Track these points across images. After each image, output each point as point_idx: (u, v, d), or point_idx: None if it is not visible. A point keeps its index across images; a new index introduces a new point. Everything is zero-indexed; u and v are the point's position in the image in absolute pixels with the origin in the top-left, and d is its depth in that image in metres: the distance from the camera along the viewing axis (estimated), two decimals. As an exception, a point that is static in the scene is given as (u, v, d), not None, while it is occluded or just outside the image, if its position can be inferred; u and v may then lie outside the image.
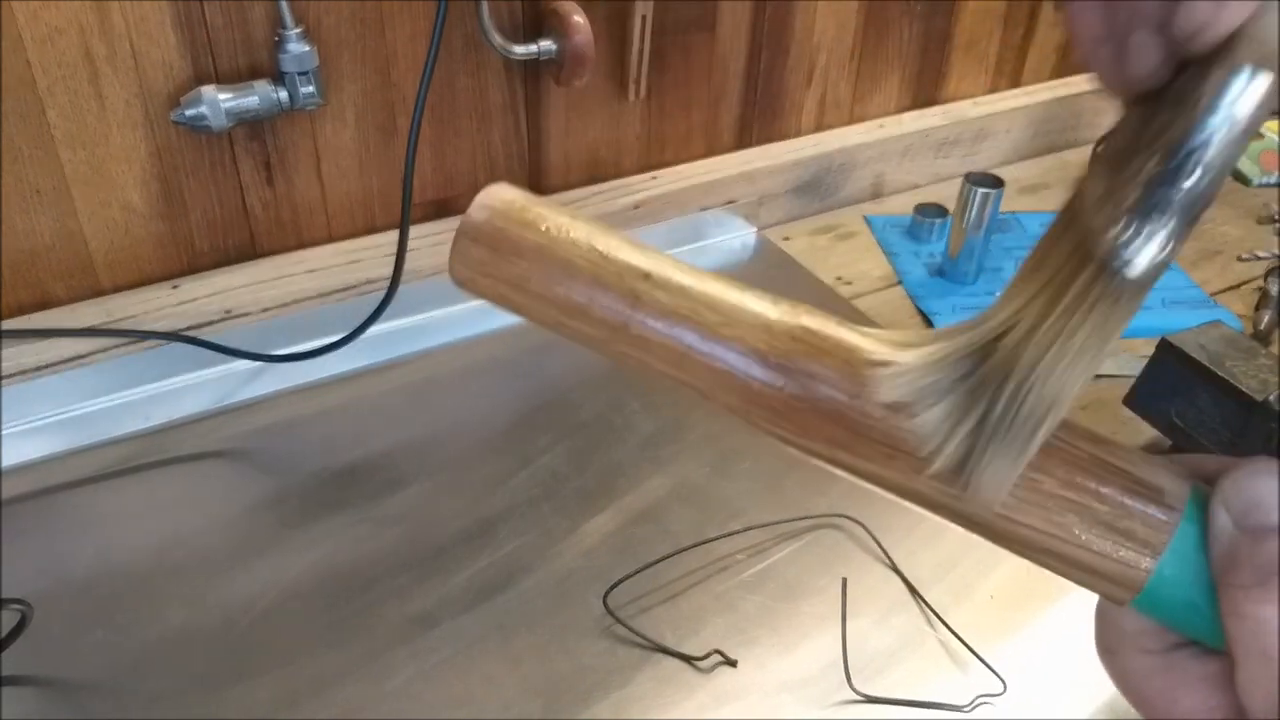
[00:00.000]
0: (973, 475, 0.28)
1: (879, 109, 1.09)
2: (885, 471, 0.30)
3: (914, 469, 0.29)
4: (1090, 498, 0.28)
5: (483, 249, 0.32)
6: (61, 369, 0.72)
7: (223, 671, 0.56)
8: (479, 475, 0.69)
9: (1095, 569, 0.29)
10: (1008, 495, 0.28)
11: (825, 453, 0.31)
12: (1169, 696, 0.28)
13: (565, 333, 0.33)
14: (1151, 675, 0.29)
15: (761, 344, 0.31)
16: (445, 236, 0.85)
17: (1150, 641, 0.29)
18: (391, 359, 0.80)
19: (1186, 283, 0.93)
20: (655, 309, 0.31)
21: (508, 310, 0.33)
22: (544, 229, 0.32)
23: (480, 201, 0.33)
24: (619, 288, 0.32)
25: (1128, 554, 0.28)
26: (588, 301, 0.32)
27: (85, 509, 0.66)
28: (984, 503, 0.28)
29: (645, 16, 0.85)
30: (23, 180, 0.69)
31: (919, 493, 0.30)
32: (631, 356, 0.32)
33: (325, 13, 0.74)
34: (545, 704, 0.55)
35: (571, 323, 0.33)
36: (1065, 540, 0.29)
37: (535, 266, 0.32)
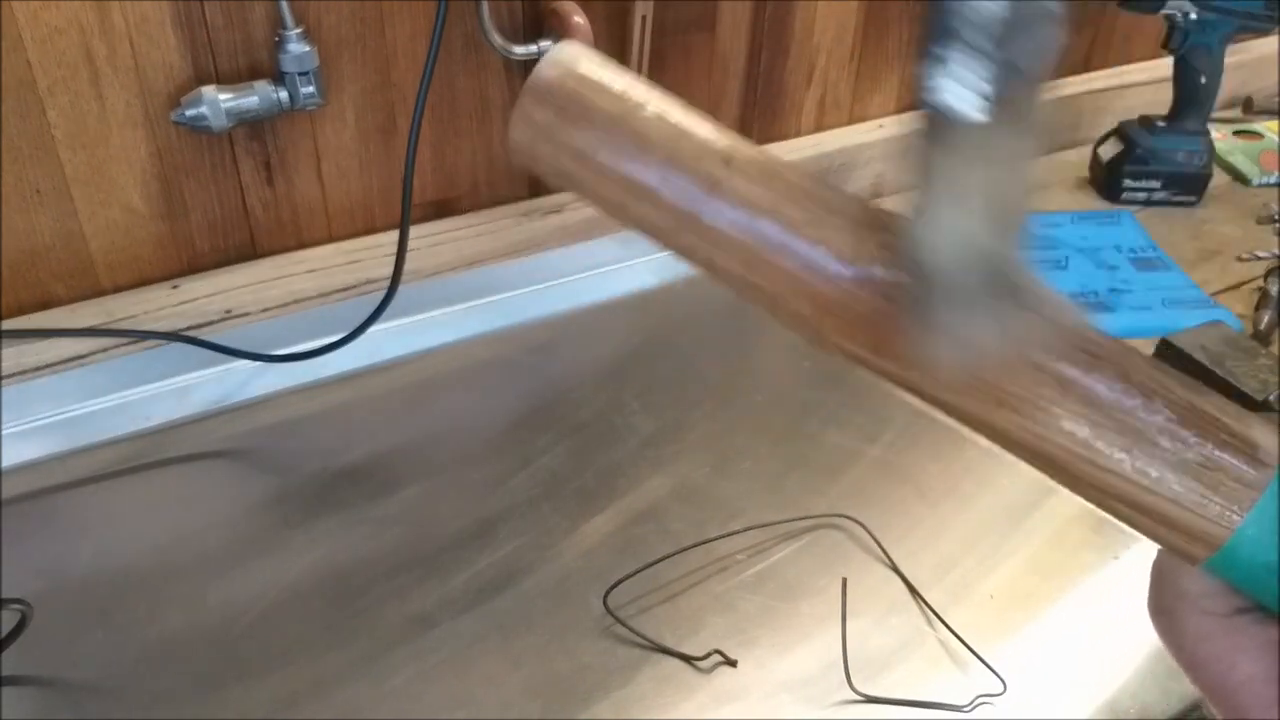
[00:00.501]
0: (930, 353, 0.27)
1: (879, 109, 1.09)
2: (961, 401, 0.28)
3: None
4: (1180, 445, 0.27)
5: (549, 111, 0.29)
6: (61, 369, 0.72)
7: (222, 671, 0.56)
8: (479, 475, 0.69)
9: (1175, 521, 0.27)
10: (1089, 434, 0.27)
11: (898, 374, 0.28)
12: (1226, 661, 0.27)
13: (628, 217, 0.30)
14: (1210, 638, 0.28)
15: (848, 248, 0.28)
16: (445, 237, 0.85)
17: (1214, 604, 0.28)
18: (391, 359, 0.80)
19: (1186, 283, 0.93)
20: (734, 198, 0.28)
21: (567, 186, 0.30)
22: (619, 94, 0.29)
23: (552, 57, 0.30)
24: (696, 170, 0.29)
25: (1213, 508, 0.26)
26: (659, 182, 0.29)
27: (85, 509, 0.66)
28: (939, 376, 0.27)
29: (645, 16, 0.85)
30: (23, 180, 0.69)
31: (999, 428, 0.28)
32: (699, 250, 0.29)
33: (325, 13, 0.74)
34: (545, 704, 0.55)
35: (638, 206, 0.29)
36: (1147, 488, 0.27)
37: (606, 136, 0.29)
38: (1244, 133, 1.22)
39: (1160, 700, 0.55)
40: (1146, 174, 1.06)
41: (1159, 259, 0.96)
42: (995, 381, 0.27)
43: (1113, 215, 1.03)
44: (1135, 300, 0.90)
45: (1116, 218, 1.03)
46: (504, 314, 0.85)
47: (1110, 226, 1.01)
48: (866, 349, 0.28)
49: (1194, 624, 0.28)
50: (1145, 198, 1.07)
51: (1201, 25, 1.00)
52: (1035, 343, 0.28)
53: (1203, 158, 1.06)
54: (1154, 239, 1.00)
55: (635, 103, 0.29)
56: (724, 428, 0.73)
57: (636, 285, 0.89)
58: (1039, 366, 0.27)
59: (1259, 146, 1.19)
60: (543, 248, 0.89)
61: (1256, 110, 1.28)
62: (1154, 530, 0.28)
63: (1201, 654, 0.28)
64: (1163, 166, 1.06)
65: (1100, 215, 1.03)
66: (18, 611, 0.55)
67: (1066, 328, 0.28)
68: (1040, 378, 0.27)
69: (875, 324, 0.28)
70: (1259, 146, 1.19)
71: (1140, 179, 1.06)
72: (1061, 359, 0.27)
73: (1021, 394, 0.27)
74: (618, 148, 0.29)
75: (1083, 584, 0.62)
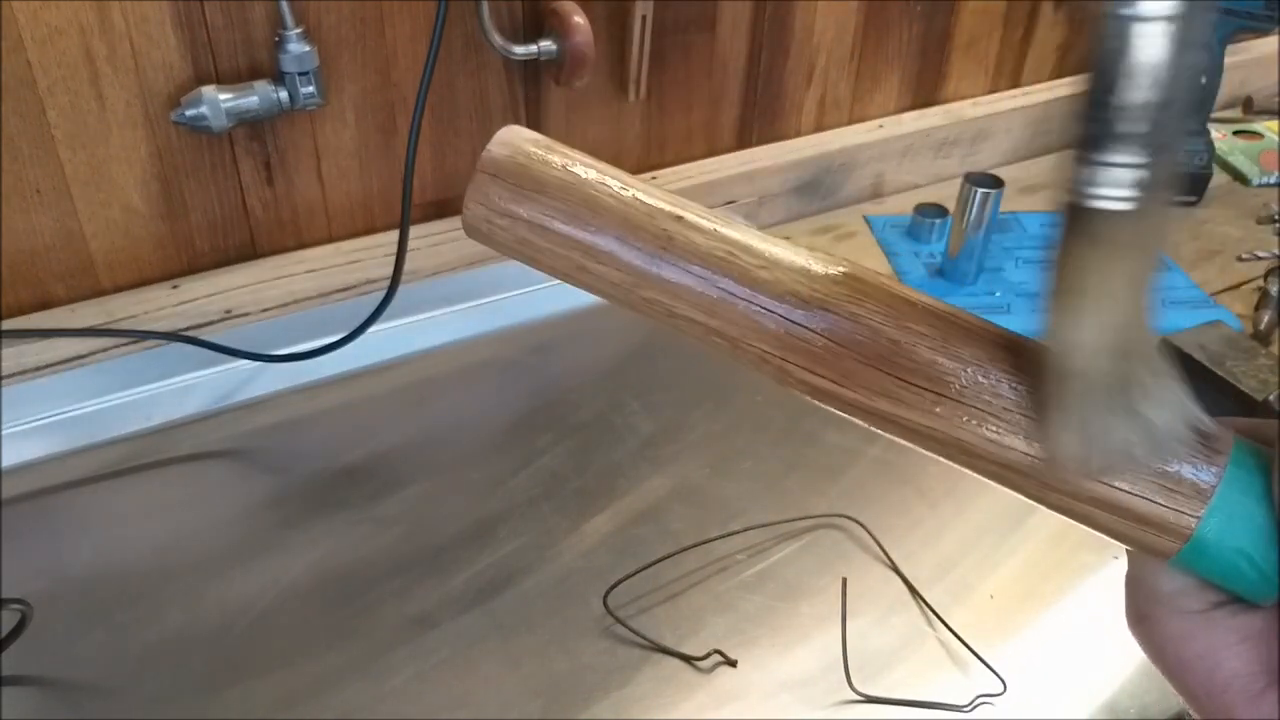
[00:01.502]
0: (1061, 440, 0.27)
1: (879, 109, 1.09)
2: (929, 421, 0.29)
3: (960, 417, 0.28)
4: None
5: (503, 186, 0.31)
6: (61, 369, 0.72)
7: (222, 672, 0.56)
8: (479, 475, 0.69)
9: (1144, 516, 0.28)
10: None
11: (864, 402, 0.30)
12: (1211, 659, 0.27)
13: (586, 279, 0.31)
14: (1190, 637, 0.28)
15: (802, 287, 0.30)
16: (445, 237, 0.85)
17: (1190, 601, 0.28)
18: (391, 359, 0.80)
19: (1186, 283, 0.93)
20: (689, 251, 0.30)
21: (523, 258, 0.31)
22: (568, 167, 0.31)
23: (500, 139, 0.31)
24: (650, 228, 0.30)
25: (1178, 498, 0.27)
26: (616, 242, 0.30)
27: (85, 509, 0.66)
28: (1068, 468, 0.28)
29: (645, 16, 0.85)
30: (23, 180, 0.69)
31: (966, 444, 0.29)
32: (658, 303, 0.31)
33: (325, 13, 0.74)
34: (545, 704, 0.55)
35: (596, 267, 0.31)
36: (1114, 486, 0.28)
37: (560, 204, 0.30)
38: (1244, 133, 1.22)
39: (1160, 700, 0.55)
40: (1146, 174, 1.06)
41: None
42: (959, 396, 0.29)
43: (1113, 215, 1.03)
44: (1135, 300, 0.89)
45: (1116, 218, 1.03)
46: (504, 314, 0.85)
47: (1110, 226, 1.01)
48: (831, 381, 0.30)
49: (1173, 625, 0.28)
50: (1145, 198, 1.07)
51: (1201, 25, 1.00)
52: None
53: (1203, 158, 1.06)
54: (1154, 239, 0.99)
55: (586, 174, 0.31)
56: (724, 428, 0.73)
57: (636, 285, 0.89)
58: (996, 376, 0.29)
59: (1259, 146, 1.19)
60: (543, 248, 0.89)
61: (1256, 110, 1.28)
62: (1125, 529, 0.28)
63: (1185, 655, 0.28)
64: (1163, 166, 1.06)
65: (1100, 215, 1.03)
66: (18, 611, 0.55)
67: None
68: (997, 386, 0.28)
69: (837, 357, 0.29)
70: (1259, 146, 1.19)
71: (1140, 179, 1.06)
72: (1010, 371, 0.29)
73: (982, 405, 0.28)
74: (573, 214, 0.30)
75: (1083, 584, 0.62)
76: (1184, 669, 0.28)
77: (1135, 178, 0.25)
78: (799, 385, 0.30)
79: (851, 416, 0.31)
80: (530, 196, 0.31)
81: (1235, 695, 0.27)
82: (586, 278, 0.31)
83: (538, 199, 0.31)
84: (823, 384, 0.30)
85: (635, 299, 0.31)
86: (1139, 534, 0.28)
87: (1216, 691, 0.27)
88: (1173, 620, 0.28)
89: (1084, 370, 0.26)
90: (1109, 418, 0.26)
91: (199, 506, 0.67)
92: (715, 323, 0.30)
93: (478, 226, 0.32)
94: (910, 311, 0.30)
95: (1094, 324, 0.26)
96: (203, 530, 0.65)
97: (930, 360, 0.29)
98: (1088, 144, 0.25)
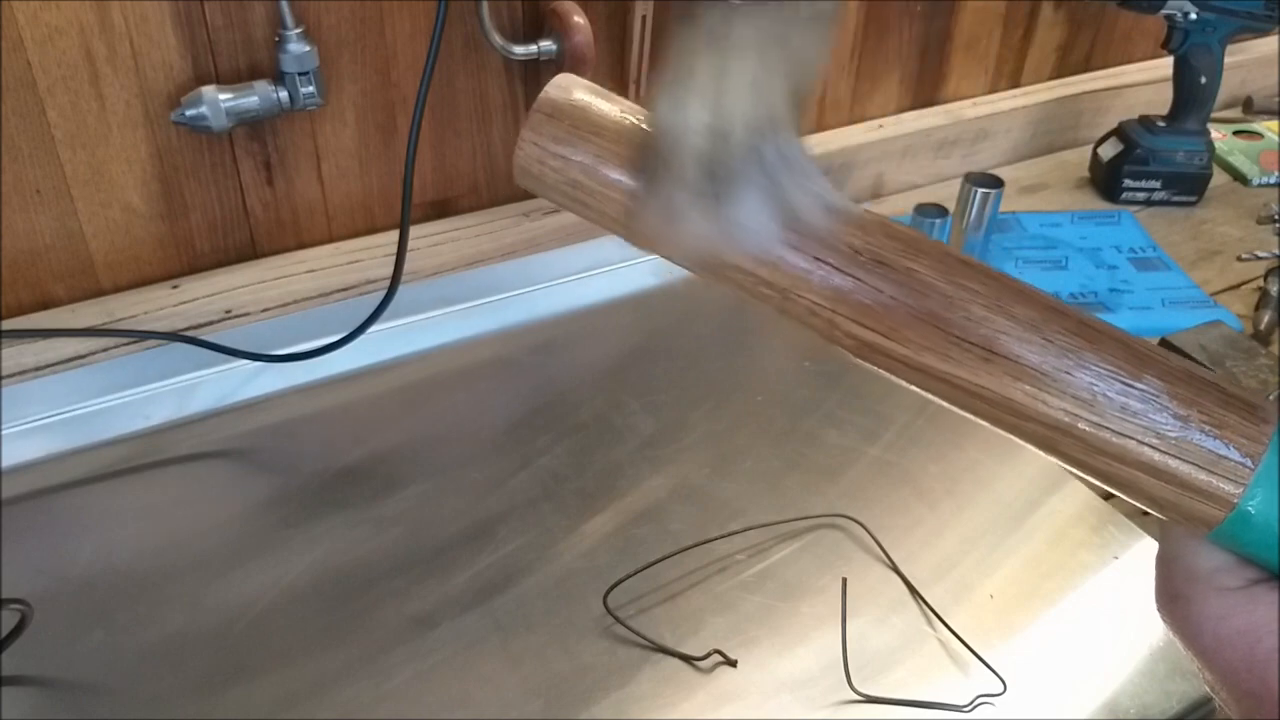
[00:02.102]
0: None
1: (879, 109, 1.09)
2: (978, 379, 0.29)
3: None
4: (1187, 405, 0.27)
5: (559, 126, 0.31)
6: (61, 369, 0.72)
7: (222, 672, 0.56)
8: (479, 475, 0.69)
9: (1189, 483, 0.27)
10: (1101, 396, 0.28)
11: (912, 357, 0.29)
12: (1253, 635, 0.27)
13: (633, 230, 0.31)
14: (1229, 615, 0.28)
15: (856, 239, 0.30)
16: (445, 236, 0.85)
17: (1228, 578, 0.28)
18: (391, 359, 0.80)
19: (1186, 283, 0.93)
20: None
21: (571, 201, 0.31)
22: (624, 113, 0.31)
23: (558, 83, 0.32)
24: None
25: (1226, 464, 0.27)
26: None
27: (85, 509, 0.66)
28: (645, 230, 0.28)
29: (645, 16, 0.85)
30: (23, 180, 0.69)
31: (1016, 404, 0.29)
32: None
33: (325, 13, 0.74)
34: (545, 704, 0.55)
35: None
36: (1162, 450, 0.27)
37: (616, 148, 0.30)
38: (1244, 133, 1.22)
39: (1160, 700, 0.55)
40: (1146, 174, 1.06)
41: (1159, 259, 0.96)
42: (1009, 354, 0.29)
43: (1112, 215, 1.03)
44: (1135, 300, 0.90)
45: (1116, 218, 1.03)
46: (504, 314, 0.85)
47: (1110, 226, 1.01)
48: (881, 333, 0.29)
49: (1211, 604, 0.28)
50: (1145, 198, 1.07)
51: (1201, 25, 1.00)
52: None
53: (1203, 158, 1.06)
54: (1154, 239, 1.00)
55: (641, 121, 0.31)
56: (724, 428, 0.73)
57: (636, 285, 0.89)
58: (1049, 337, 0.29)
59: (1259, 146, 1.19)
60: (543, 248, 0.89)
61: (1256, 110, 1.28)
62: (1171, 496, 0.28)
63: (1224, 631, 0.28)
64: (1163, 166, 1.06)
65: (1100, 215, 1.03)
66: (18, 611, 0.55)
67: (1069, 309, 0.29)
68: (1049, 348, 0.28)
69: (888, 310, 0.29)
70: (1259, 146, 1.19)
71: (1140, 179, 1.06)
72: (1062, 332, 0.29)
73: (1033, 365, 0.28)
74: (628, 159, 0.30)
75: (1083, 584, 0.62)
76: (1222, 646, 0.28)
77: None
78: (846, 339, 0.30)
79: (896, 375, 0.30)
80: (586, 138, 0.30)
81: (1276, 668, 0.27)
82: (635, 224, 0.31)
83: (593, 140, 0.30)
84: (872, 337, 0.29)
85: None
86: (1185, 501, 0.28)
87: (1258, 665, 0.27)
88: (1210, 599, 0.28)
89: (676, 146, 0.27)
90: (693, 194, 0.27)
91: (199, 506, 0.67)
92: (766, 273, 0.30)
93: (529, 168, 0.31)
94: (963, 269, 0.29)
95: (692, 110, 0.26)
96: (203, 530, 0.65)
97: (983, 317, 0.29)
98: None
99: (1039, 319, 0.29)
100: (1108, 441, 0.28)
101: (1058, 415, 0.28)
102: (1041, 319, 0.29)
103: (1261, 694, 0.27)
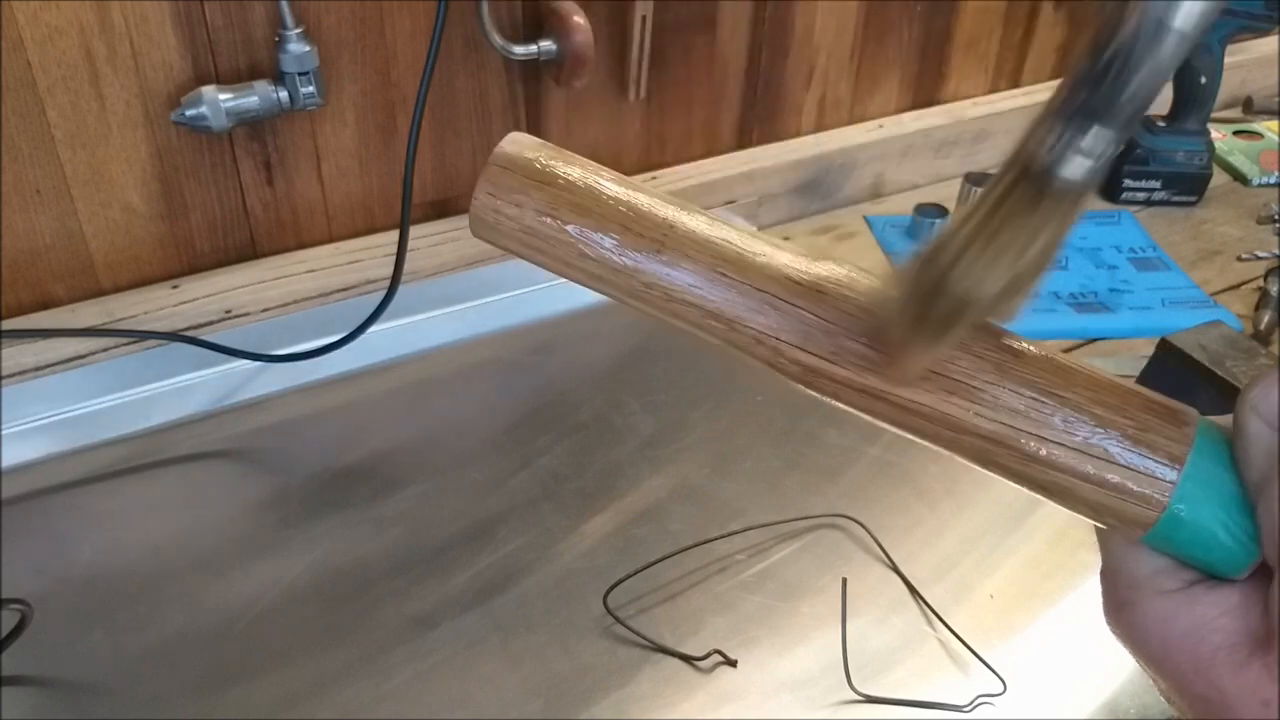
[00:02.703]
0: (900, 354, 0.29)
1: (879, 109, 1.09)
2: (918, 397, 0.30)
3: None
4: (1114, 412, 0.29)
5: (513, 177, 0.33)
6: (61, 369, 0.72)
7: (222, 672, 0.56)
8: (479, 475, 0.69)
9: (1121, 486, 0.29)
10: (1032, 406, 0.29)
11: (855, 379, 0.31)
12: (1196, 635, 0.28)
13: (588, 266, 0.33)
14: (1175, 617, 0.28)
15: (795, 272, 0.31)
16: (445, 236, 0.85)
17: (1168, 580, 0.29)
18: (391, 359, 0.80)
19: (1186, 283, 0.93)
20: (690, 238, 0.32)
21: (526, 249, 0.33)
22: (572, 164, 0.33)
23: (511, 139, 0.34)
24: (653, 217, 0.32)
25: (1154, 466, 0.28)
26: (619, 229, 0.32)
27: (85, 509, 0.66)
28: (899, 377, 0.30)
29: (645, 16, 0.85)
30: (23, 180, 0.69)
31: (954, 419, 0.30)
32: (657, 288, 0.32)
33: (325, 13, 0.74)
34: (545, 704, 0.55)
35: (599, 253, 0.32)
36: (1093, 455, 0.29)
37: (567, 194, 0.32)
38: (1244, 133, 1.22)
39: (1160, 700, 0.55)
40: (1146, 174, 1.06)
41: (1159, 259, 0.96)
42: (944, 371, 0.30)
43: (1112, 215, 1.03)
44: (1135, 300, 0.90)
45: (1116, 218, 1.03)
46: (504, 314, 0.85)
47: (1110, 226, 1.01)
48: (824, 358, 0.31)
49: (1155, 607, 0.29)
50: (1145, 198, 1.07)
51: (1201, 25, 1.00)
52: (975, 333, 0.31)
53: (1203, 158, 1.06)
54: (1154, 239, 1.00)
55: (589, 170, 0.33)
56: (724, 428, 0.73)
57: (636, 285, 0.89)
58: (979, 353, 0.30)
59: (1259, 146, 1.19)
60: (543, 248, 0.89)
61: (1256, 110, 1.28)
62: (1104, 503, 0.29)
63: (1170, 634, 0.28)
64: (1163, 166, 1.06)
65: (1100, 215, 1.03)
66: (18, 611, 0.55)
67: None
68: (980, 364, 0.30)
69: (829, 335, 0.31)
70: (1259, 146, 1.19)
71: (1140, 179, 1.06)
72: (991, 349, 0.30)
73: (966, 380, 0.30)
74: (579, 204, 0.32)
75: (1083, 584, 0.62)
76: (1169, 649, 0.28)
77: (1101, 155, 0.26)
78: (791, 365, 0.32)
79: (842, 402, 0.32)
80: (538, 186, 0.32)
81: (1222, 667, 0.27)
82: (589, 265, 0.33)
83: (545, 189, 0.32)
84: (815, 362, 0.31)
85: (635, 285, 0.32)
86: (1118, 504, 0.29)
87: (1204, 666, 0.27)
88: (1154, 602, 0.29)
89: (970, 305, 0.27)
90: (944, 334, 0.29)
91: (199, 506, 0.67)
92: (712, 305, 0.32)
93: (484, 217, 0.33)
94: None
95: (1003, 274, 0.27)
96: (203, 530, 0.65)
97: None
98: (1081, 114, 0.26)
99: (967, 337, 0.30)
100: (1040, 451, 0.29)
101: (993, 427, 0.30)
102: (970, 337, 0.30)
103: (1212, 697, 0.27)
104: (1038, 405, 0.29)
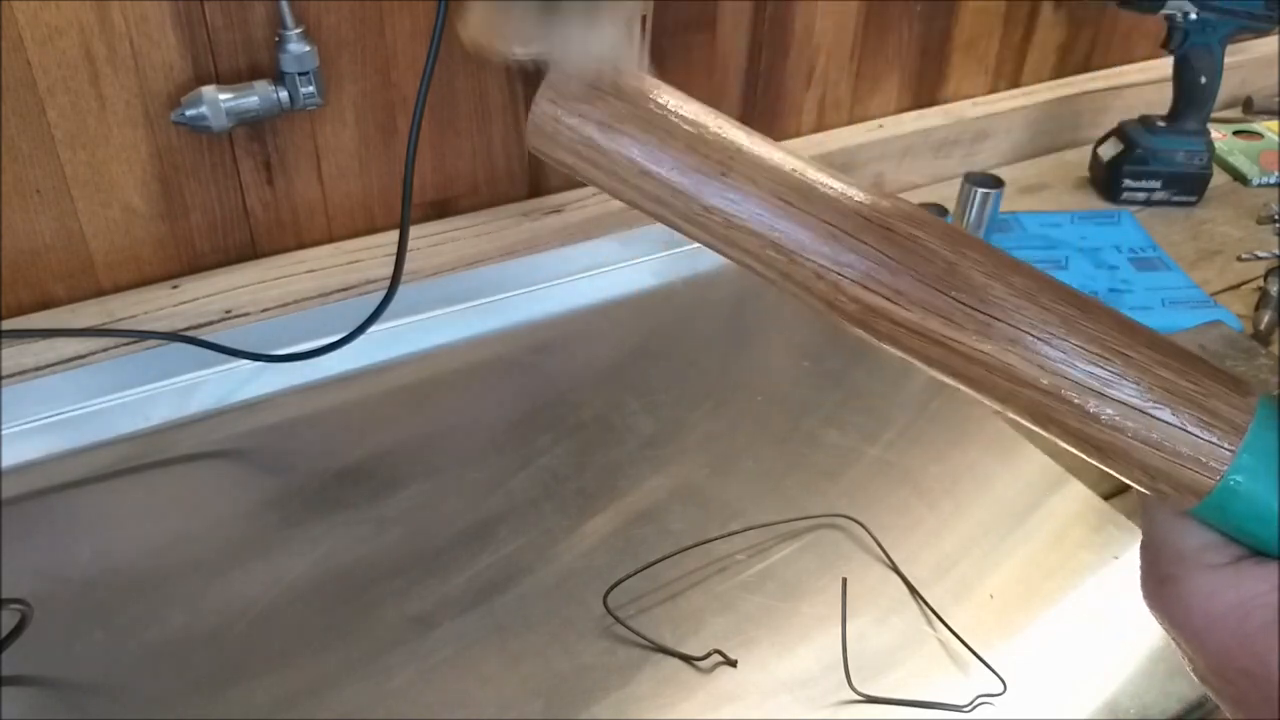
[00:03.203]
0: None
1: (879, 109, 1.09)
2: (979, 344, 0.29)
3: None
4: (1179, 375, 0.28)
5: (578, 85, 0.31)
6: (61, 369, 0.72)
7: (222, 672, 0.56)
8: (479, 475, 0.69)
9: (1180, 454, 0.28)
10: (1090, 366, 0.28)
11: (916, 321, 0.30)
12: (1243, 610, 0.27)
13: (648, 186, 0.31)
14: (1219, 592, 0.28)
15: (864, 208, 0.30)
16: (445, 236, 0.85)
17: (1215, 555, 0.28)
18: (391, 359, 0.80)
19: (1186, 283, 0.93)
20: (757, 161, 0.31)
21: (583, 163, 0.32)
22: (639, 81, 0.32)
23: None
24: (720, 138, 0.31)
25: (1216, 434, 0.27)
26: (684, 148, 0.31)
27: (85, 509, 0.66)
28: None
29: (645, 16, 0.85)
30: (23, 180, 0.69)
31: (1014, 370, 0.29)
32: (718, 213, 0.31)
33: (325, 13, 0.74)
34: (545, 704, 0.55)
35: (660, 172, 0.31)
36: (1155, 416, 0.28)
37: (633, 108, 0.31)
38: (1244, 133, 1.22)
39: (1160, 700, 0.55)
40: (1146, 174, 1.06)
41: (1159, 259, 0.96)
42: (1008, 319, 0.29)
43: (1112, 215, 1.03)
44: (1135, 300, 0.90)
45: (1116, 218, 1.03)
46: (504, 314, 0.85)
47: (1110, 226, 1.01)
48: (886, 297, 0.30)
49: (1200, 582, 0.28)
50: (1145, 198, 1.07)
51: (1201, 25, 1.00)
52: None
53: (1203, 158, 1.06)
54: (1154, 239, 1.00)
55: (656, 89, 0.32)
56: (724, 428, 0.73)
57: (636, 285, 0.89)
58: (1045, 305, 0.29)
59: (1259, 146, 1.19)
60: (542, 248, 0.89)
61: (1256, 110, 1.28)
62: (1159, 465, 0.28)
63: (1215, 609, 0.28)
64: (1163, 166, 1.06)
65: (1100, 215, 1.03)
66: (18, 611, 0.55)
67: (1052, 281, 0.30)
68: (1046, 315, 0.29)
69: (894, 273, 0.30)
70: (1259, 146, 1.19)
71: (1140, 179, 1.06)
72: (1058, 300, 0.29)
73: (1030, 330, 0.29)
74: (645, 118, 0.31)
75: (1083, 584, 0.62)
76: (1213, 624, 0.28)
77: None
78: (851, 303, 0.30)
79: (896, 343, 0.30)
80: (603, 97, 0.31)
81: (1272, 641, 0.27)
82: (648, 184, 0.31)
83: (610, 100, 0.31)
84: (877, 301, 0.30)
85: (695, 208, 0.31)
86: (1176, 469, 0.28)
87: (1249, 640, 0.27)
88: (1199, 576, 0.28)
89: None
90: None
91: (199, 506, 0.67)
92: (775, 234, 0.30)
93: (543, 126, 0.32)
94: (964, 239, 0.30)
95: None
96: (203, 530, 0.65)
97: (984, 284, 0.29)
98: None
99: (1035, 288, 0.29)
100: (1103, 410, 0.28)
101: (1053, 381, 0.29)
102: (1037, 288, 0.29)
103: (1255, 670, 0.27)
104: (1102, 362, 0.28)
